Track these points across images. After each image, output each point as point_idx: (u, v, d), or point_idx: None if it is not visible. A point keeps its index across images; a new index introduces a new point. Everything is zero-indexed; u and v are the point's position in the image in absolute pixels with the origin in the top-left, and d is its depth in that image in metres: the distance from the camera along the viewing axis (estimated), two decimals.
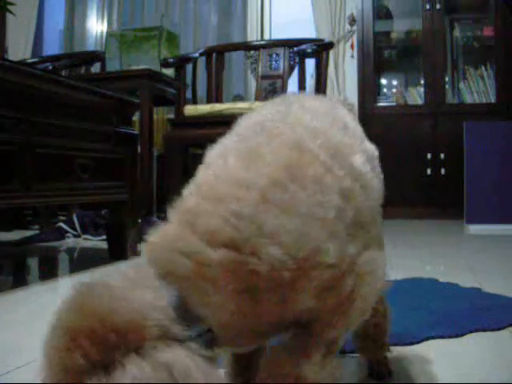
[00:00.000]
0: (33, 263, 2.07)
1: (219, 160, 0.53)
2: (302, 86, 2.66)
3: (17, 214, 2.89)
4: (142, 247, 0.50)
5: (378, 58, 3.97)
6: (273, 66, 3.02)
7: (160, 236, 0.49)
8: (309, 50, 2.68)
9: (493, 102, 3.68)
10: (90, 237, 2.50)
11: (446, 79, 3.83)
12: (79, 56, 3.68)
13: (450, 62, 3.91)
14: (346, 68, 3.94)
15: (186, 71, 2.99)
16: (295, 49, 2.85)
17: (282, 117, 0.57)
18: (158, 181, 3.34)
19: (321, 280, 0.48)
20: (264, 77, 3.01)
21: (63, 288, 1.54)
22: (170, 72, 3.16)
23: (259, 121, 0.58)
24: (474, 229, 2.90)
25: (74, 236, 2.55)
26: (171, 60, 3.00)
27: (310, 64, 2.88)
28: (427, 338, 0.93)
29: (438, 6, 3.73)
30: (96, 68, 3.70)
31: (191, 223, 0.47)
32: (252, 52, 3.11)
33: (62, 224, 2.58)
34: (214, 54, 3.16)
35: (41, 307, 1.22)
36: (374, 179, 0.60)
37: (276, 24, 4.29)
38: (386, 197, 0.65)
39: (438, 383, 0.75)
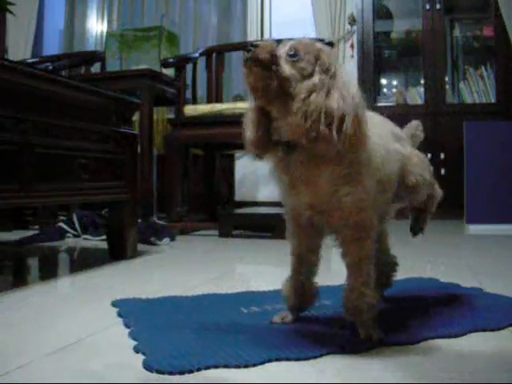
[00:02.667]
0: (33, 263, 2.07)
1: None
2: None
3: (17, 214, 2.89)
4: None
5: (378, 58, 3.97)
6: None
7: None
8: None
9: (493, 101, 3.68)
10: (89, 237, 2.50)
11: (446, 79, 3.83)
12: (79, 56, 3.68)
13: (450, 62, 3.91)
14: (345, 68, 3.94)
15: (186, 71, 2.99)
16: None
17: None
18: (158, 181, 3.34)
19: None
20: None
21: (63, 288, 1.54)
22: (170, 72, 3.16)
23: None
24: (474, 229, 2.90)
25: (74, 236, 2.55)
26: (171, 60, 3.00)
27: None
28: (427, 338, 0.93)
29: (438, 6, 3.73)
30: (96, 68, 3.70)
31: None
32: None
33: (62, 224, 2.58)
34: (214, 54, 3.16)
35: (41, 307, 1.22)
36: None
37: (276, 24, 4.29)
38: None
39: (438, 383, 0.75)
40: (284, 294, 1.04)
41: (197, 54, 3.10)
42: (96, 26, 4.85)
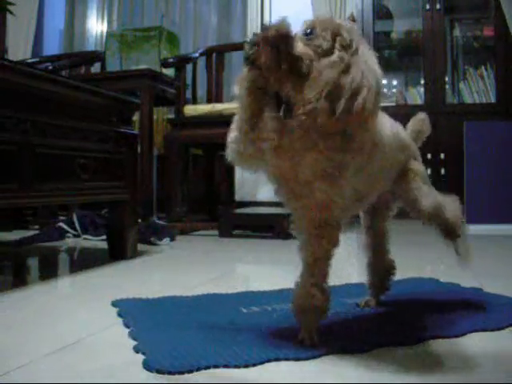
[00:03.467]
0: (33, 263, 2.07)
1: None
2: None
3: (17, 214, 2.89)
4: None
5: (378, 58, 3.97)
6: None
7: None
8: None
9: (493, 101, 3.68)
10: (90, 237, 2.50)
11: (446, 79, 3.83)
12: (79, 56, 3.68)
13: (450, 62, 3.91)
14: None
15: (186, 71, 2.99)
16: None
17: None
18: (158, 181, 3.34)
19: None
20: None
21: (63, 288, 1.54)
22: (170, 72, 3.16)
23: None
24: (474, 229, 2.90)
25: (74, 236, 2.55)
26: (171, 60, 3.00)
27: None
28: (427, 338, 0.93)
29: (438, 6, 3.73)
30: (96, 68, 3.70)
31: None
32: None
33: (62, 224, 2.58)
34: (214, 54, 3.16)
35: (41, 307, 1.22)
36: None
37: None
38: None
39: (438, 383, 0.75)
40: None
41: (197, 54, 3.10)
42: (96, 26, 4.85)
